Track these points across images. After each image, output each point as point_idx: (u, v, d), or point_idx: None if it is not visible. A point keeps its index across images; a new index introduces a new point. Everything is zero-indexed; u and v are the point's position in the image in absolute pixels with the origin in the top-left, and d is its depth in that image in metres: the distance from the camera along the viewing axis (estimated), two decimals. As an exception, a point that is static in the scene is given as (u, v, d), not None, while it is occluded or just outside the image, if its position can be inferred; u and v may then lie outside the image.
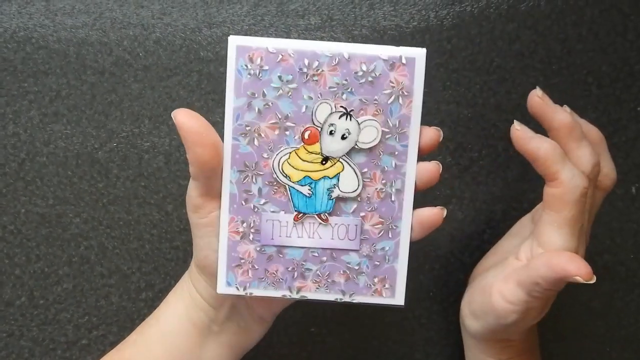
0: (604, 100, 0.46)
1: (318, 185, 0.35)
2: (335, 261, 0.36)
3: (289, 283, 0.36)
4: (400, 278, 0.36)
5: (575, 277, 0.33)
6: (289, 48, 0.34)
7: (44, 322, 0.45)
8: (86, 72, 0.44)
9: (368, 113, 0.35)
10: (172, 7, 0.45)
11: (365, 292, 0.36)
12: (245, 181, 0.35)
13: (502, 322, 0.36)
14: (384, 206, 0.36)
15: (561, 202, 0.35)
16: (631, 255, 0.47)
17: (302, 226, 0.36)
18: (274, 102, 0.34)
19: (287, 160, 0.35)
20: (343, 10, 0.45)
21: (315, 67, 0.34)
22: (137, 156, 0.45)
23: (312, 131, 0.34)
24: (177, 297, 0.39)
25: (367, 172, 0.35)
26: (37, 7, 0.44)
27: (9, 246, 0.45)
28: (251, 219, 0.35)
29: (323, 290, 0.36)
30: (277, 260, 0.36)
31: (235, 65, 0.34)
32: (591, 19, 0.46)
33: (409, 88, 0.34)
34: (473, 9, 0.45)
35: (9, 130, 0.44)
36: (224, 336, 0.39)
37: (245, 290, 0.36)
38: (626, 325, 0.47)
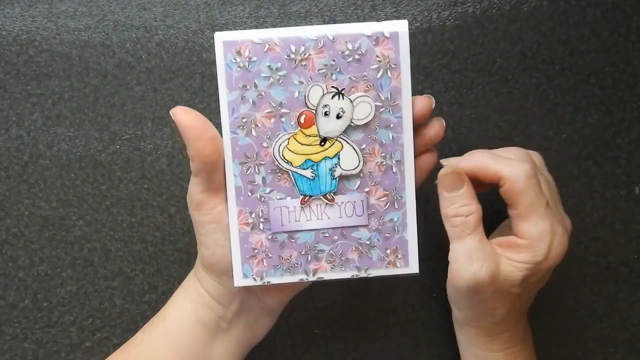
0: (607, 101, 0.46)
1: (320, 166, 0.36)
2: (347, 239, 0.37)
3: (304, 267, 0.37)
4: (411, 247, 0.37)
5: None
6: (274, 37, 0.35)
7: (47, 324, 0.45)
8: (89, 75, 0.44)
9: (359, 90, 0.35)
10: (174, 9, 0.45)
11: (379, 265, 0.37)
12: (248, 172, 0.36)
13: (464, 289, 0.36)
14: (386, 179, 0.36)
15: (514, 194, 0.36)
16: (635, 256, 0.47)
17: (310, 209, 0.36)
18: (266, 92, 0.35)
19: (287, 146, 0.35)
20: (345, 12, 0.45)
21: (302, 52, 0.35)
22: (140, 158, 0.45)
23: (307, 115, 0.35)
24: (183, 296, 0.39)
25: (366, 147, 0.36)
26: (39, 9, 0.44)
27: (13, 249, 0.45)
28: (259, 208, 0.36)
29: (338, 269, 0.37)
30: (290, 246, 0.36)
31: (224, 61, 0.35)
32: (594, 20, 0.45)
33: (395, 60, 0.35)
34: (475, 10, 0.45)
35: (12, 133, 0.44)
36: (233, 333, 0.39)
37: (263, 280, 0.36)
38: (630, 326, 0.47)
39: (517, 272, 0.36)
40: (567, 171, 0.46)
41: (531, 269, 0.36)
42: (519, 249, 0.36)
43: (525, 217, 0.36)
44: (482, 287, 0.35)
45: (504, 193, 0.36)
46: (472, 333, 0.39)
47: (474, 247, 0.36)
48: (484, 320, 0.38)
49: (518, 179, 0.35)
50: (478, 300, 0.36)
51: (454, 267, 0.36)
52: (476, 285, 0.35)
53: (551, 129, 0.46)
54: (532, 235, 0.36)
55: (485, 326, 0.38)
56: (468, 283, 0.35)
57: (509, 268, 0.36)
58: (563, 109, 0.46)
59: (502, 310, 0.37)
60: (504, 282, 0.36)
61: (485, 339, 0.38)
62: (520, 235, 0.36)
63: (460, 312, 0.39)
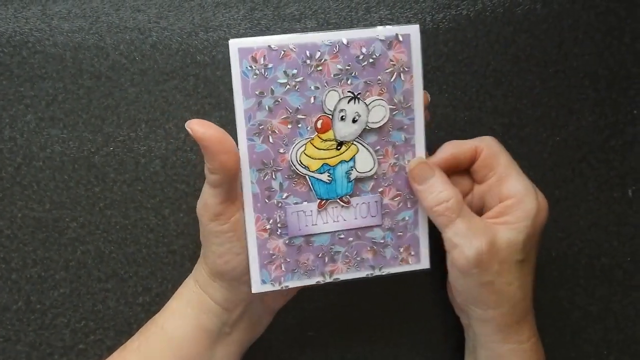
0: (601, 103, 0.46)
1: (336, 170, 0.36)
2: (361, 239, 0.37)
3: (320, 269, 0.37)
4: (422, 243, 0.38)
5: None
6: (290, 43, 0.35)
7: (40, 326, 0.45)
8: (83, 76, 0.44)
9: (374, 93, 0.36)
10: (168, 11, 0.45)
11: (392, 263, 0.38)
12: (265, 179, 0.36)
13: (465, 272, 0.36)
14: (399, 179, 0.37)
15: (491, 157, 0.38)
16: (628, 258, 0.47)
17: (326, 212, 0.37)
18: (282, 98, 0.35)
19: (304, 152, 0.36)
20: (339, 14, 0.45)
21: (317, 58, 0.35)
22: (133, 160, 0.45)
23: (324, 120, 0.35)
24: (183, 303, 0.39)
25: (380, 149, 0.37)
26: (33, 11, 0.44)
27: (6, 250, 0.45)
28: (276, 214, 0.36)
29: (354, 269, 0.38)
30: (307, 250, 0.37)
31: (239, 68, 0.35)
32: (587, 22, 0.46)
33: (408, 64, 0.36)
34: (469, 13, 0.45)
35: (6, 134, 0.44)
36: (235, 335, 0.39)
37: (281, 285, 0.37)
38: (624, 328, 0.47)
39: (518, 234, 0.36)
40: (560, 173, 0.46)
41: (528, 226, 0.36)
42: (510, 210, 0.36)
43: (507, 176, 0.37)
44: (488, 261, 0.35)
45: (482, 161, 0.38)
46: (493, 327, 0.38)
47: (467, 227, 0.36)
48: (505, 304, 0.37)
49: (492, 144, 0.38)
50: (489, 277, 0.36)
51: (454, 252, 0.36)
52: (482, 260, 0.35)
53: (545, 131, 0.46)
54: (518, 190, 0.37)
55: (508, 312, 0.37)
56: (474, 260, 0.35)
57: (508, 233, 0.36)
58: (557, 112, 0.46)
59: (515, 284, 0.36)
60: (507, 251, 0.36)
61: (509, 330, 0.37)
62: (506, 196, 0.37)
63: (478, 305, 0.37)
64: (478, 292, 0.37)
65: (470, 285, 0.36)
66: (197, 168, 0.45)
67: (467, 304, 0.38)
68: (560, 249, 0.47)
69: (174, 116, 0.45)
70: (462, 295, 0.38)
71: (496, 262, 0.36)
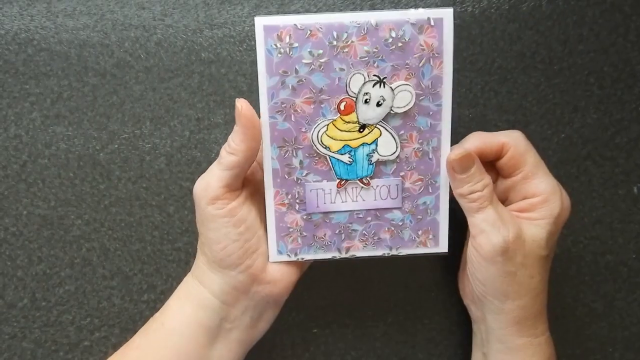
0: (606, 100, 0.46)
1: (357, 152, 0.36)
2: (380, 220, 0.38)
3: (337, 245, 0.38)
4: (442, 228, 0.39)
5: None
6: (317, 22, 0.35)
7: (46, 323, 0.45)
8: (87, 74, 0.44)
9: (400, 78, 0.36)
10: (173, 8, 0.45)
11: (410, 245, 0.38)
12: (286, 156, 0.36)
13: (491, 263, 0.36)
14: (422, 164, 0.37)
15: (518, 156, 0.38)
16: (633, 256, 0.47)
17: (345, 192, 0.37)
18: (307, 78, 0.35)
19: (326, 132, 0.36)
20: (344, 12, 0.45)
21: (344, 39, 0.35)
22: (138, 158, 0.45)
23: (348, 102, 0.35)
24: (182, 300, 0.39)
25: (404, 133, 0.37)
26: (38, 9, 0.44)
27: (11, 248, 0.45)
28: (295, 190, 0.37)
29: (370, 248, 0.38)
30: (324, 226, 0.37)
31: (264, 46, 0.35)
32: (592, 20, 0.46)
33: (438, 49, 0.35)
34: (474, 10, 0.45)
35: (11, 132, 0.44)
36: (235, 333, 0.39)
37: (297, 256, 0.38)
38: (629, 325, 0.47)
39: (541, 230, 0.37)
40: (565, 171, 0.46)
41: (552, 223, 0.37)
42: (535, 207, 0.37)
43: (533, 175, 0.37)
44: (513, 251, 0.36)
45: (509, 159, 0.38)
46: (510, 320, 0.38)
47: (497, 215, 0.36)
48: (524, 297, 0.37)
49: (519, 142, 0.38)
50: (512, 268, 0.36)
51: (480, 238, 0.36)
52: (507, 249, 0.36)
53: (550, 128, 0.46)
54: (545, 189, 0.37)
55: (526, 304, 0.37)
56: (500, 247, 0.35)
57: (533, 229, 0.37)
58: (562, 109, 0.46)
59: (537, 277, 0.37)
60: (532, 245, 0.36)
61: (525, 323, 0.38)
62: (533, 194, 0.37)
63: (497, 297, 0.37)
64: (500, 282, 0.37)
65: (493, 274, 0.36)
66: (202, 166, 0.45)
67: (486, 295, 0.38)
68: (565, 246, 0.47)
69: (178, 114, 0.45)
70: (483, 285, 0.38)
71: (521, 253, 0.36)
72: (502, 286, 0.37)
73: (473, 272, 0.38)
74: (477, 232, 0.36)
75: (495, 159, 0.39)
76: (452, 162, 0.37)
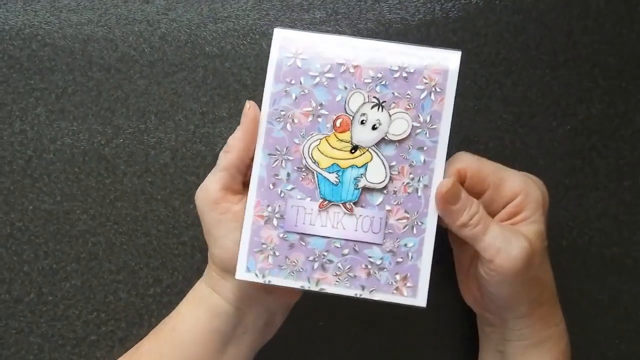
0: (610, 92, 0.46)
1: (345, 173, 0.36)
2: (358, 255, 0.36)
3: (308, 273, 0.36)
4: (422, 277, 0.36)
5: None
6: (329, 42, 0.35)
7: (52, 318, 0.45)
8: (92, 69, 0.44)
9: (400, 107, 0.35)
10: (177, 2, 0.45)
11: (386, 289, 0.36)
12: (274, 165, 0.36)
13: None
14: (410, 201, 0.36)
15: (478, 172, 0.37)
16: (639, 248, 0.47)
17: (327, 215, 0.36)
18: (310, 90, 0.35)
19: (317, 147, 0.36)
20: (348, 4, 0.45)
21: (352, 60, 0.35)
22: (143, 152, 0.45)
23: (344, 119, 0.35)
24: (195, 306, 0.38)
25: (396, 165, 0.36)
26: (42, 4, 0.44)
27: (17, 243, 0.45)
28: (277, 203, 0.36)
29: (343, 285, 0.36)
30: (299, 249, 0.36)
31: (277, 55, 0.35)
32: (597, 11, 0.45)
33: (442, 85, 0.35)
34: (479, 1, 0.45)
35: (16, 127, 0.44)
36: (248, 337, 0.39)
37: (265, 278, 0.36)
38: (634, 317, 0.47)
39: (538, 224, 0.36)
40: (571, 162, 0.46)
41: (542, 213, 0.36)
42: (523, 206, 0.36)
43: (501, 181, 0.36)
44: (532, 257, 0.35)
45: (470, 179, 0.36)
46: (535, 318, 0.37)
47: (501, 230, 0.35)
48: (546, 292, 0.37)
49: (470, 160, 0.37)
50: (534, 272, 0.36)
51: (500, 258, 0.35)
52: (528, 257, 0.35)
53: (555, 120, 0.46)
54: (519, 186, 0.36)
55: (547, 299, 0.37)
56: (522, 260, 0.34)
57: (532, 227, 0.36)
58: (567, 100, 0.46)
59: (549, 269, 0.37)
60: (537, 243, 0.36)
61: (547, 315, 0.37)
62: (512, 196, 0.36)
63: (522, 303, 0.37)
64: (525, 291, 0.36)
65: (519, 287, 0.36)
66: (207, 160, 0.45)
67: (512, 305, 0.37)
68: (570, 238, 0.46)
69: (183, 108, 0.45)
70: (507, 299, 0.37)
71: (537, 255, 0.35)
72: (528, 293, 0.36)
73: (495, 292, 0.37)
74: (493, 253, 0.35)
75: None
76: (445, 194, 0.35)
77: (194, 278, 0.45)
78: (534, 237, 0.36)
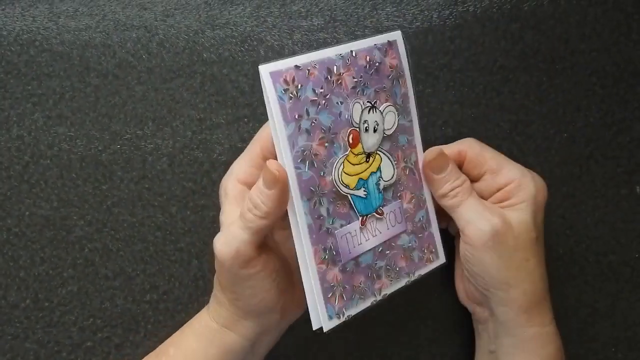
0: (608, 100, 0.46)
1: (369, 183, 0.36)
2: (394, 249, 0.38)
3: (371, 289, 0.37)
4: (437, 239, 0.40)
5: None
6: (312, 61, 0.34)
7: (48, 324, 0.45)
8: (90, 75, 0.44)
9: (382, 101, 0.36)
10: (175, 9, 0.45)
11: (421, 265, 0.39)
12: (315, 207, 0.34)
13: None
14: (410, 181, 0.38)
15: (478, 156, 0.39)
16: (636, 255, 0.47)
17: (366, 228, 0.36)
18: (316, 118, 0.34)
19: (343, 170, 0.35)
20: (346, 11, 0.45)
21: (335, 72, 0.35)
22: (140, 158, 0.45)
23: (354, 133, 0.35)
24: (205, 344, 0.38)
25: (393, 154, 0.37)
26: (40, 9, 0.44)
27: (14, 249, 0.45)
28: (329, 242, 0.35)
29: (395, 280, 0.38)
30: (358, 272, 0.36)
31: (275, 93, 0.33)
32: (595, 19, 0.45)
33: (400, 68, 0.37)
34: (476, 9, 0.45)
35: (13, 133, 0.44)
36: (256, 357, 0.40)
37: (345, 316, 0.36)
38: (632, 325, 0.47)
39: (524, 213, 0.37)
40: (568, 170, 0.46)
41: (532, 203, 0.37)
42: (512, 193, 0.38)
43: (499, 167, 0.38)
44: (503, 235, 0.36)
45: (469, 162, 0.39)
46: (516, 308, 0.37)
47: (479, 204, 0.37)
48: (527, 282, 0.37)
49: (473, 144, 0.39)
50: (506, 252, 0.36)
51: (469, 228, 0.37)
52: (498, 232, 0.36)
53: (552, 128, 0.46)
54: (515, 175, 0.38)
55: (529, 290, 0.37)
56: (490, 232, 0.36)
57: (517, 214, 0.37)
58: (564, 108, 0.46)
59: (532, 260, 0.37)
60: (519, 228, 0.37)
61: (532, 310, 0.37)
62: (505, 183, 0.38)
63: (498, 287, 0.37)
64: (497, 270, 0.37)
65: (489, 262, 0.36)
66: (204, 166, 0.45)
67: (488, 287, 0.38)
68: (567, 246, 0.46)
69: (180, 114, 0.45)
70: (481, 277, 0.37)
71: (511, 236, 0.36)
72: (500, 273, 0.37)
73: (470, 268, 0.38)
74: (464, 224, 0.37)
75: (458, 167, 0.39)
76: (428, 163, 0.38)
77: (191, 285, 0.45)
78: (514, 221, 0.37)
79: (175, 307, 0.45)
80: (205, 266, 0.45)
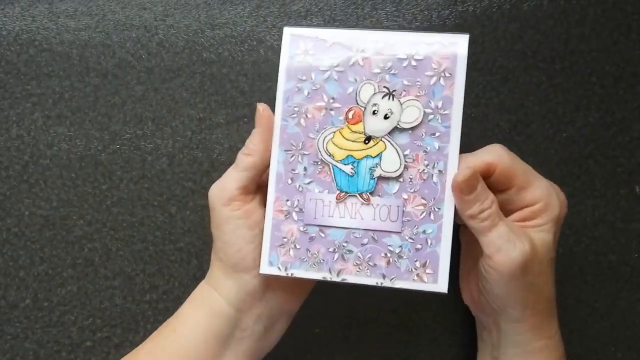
0: (607, 100, 0.46)
1: (360, 164, 0.36)
2: (377, 243, 0.36)
3: (329, 264, 0.37)
4: (443, 263, 0.36)
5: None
6: (338, 36, 0.36)
7: (48, 324, 0.45)
8: (89, 74, 0.44)
9: (411, 94, 0.36)
10: (174, 8, 0.45)
11: (406, 277, 0.36)
12: (291, 160, 0.36)
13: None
14: (426, 188, 0.36)
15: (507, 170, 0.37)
16: (635, 255, 0.47)
17: (345, 206, 0.36)
18: (321, 85, 0.36)
19: (332, 140, 0.36)
20: (345, 11, 0.45)
21: (361, 53, 0.36)
22: (140, 158, 0.45)
23: (356, 111, 0.36)
24: (195, 307, 0.39)
25: (410, 153, 0.36)
26: (40, 9, 0.44)
27: (13, 248, 0.45)
28: (295, 197, 0.37)
29: (364, 274, 0.36)
30: (319, 241, 0.37)
31: (287, 52, 0.36)
32: (594, 19, 0.45)
33: (451, 70, 0.35)
34: (475, 9, 0.45)
35: (13, 132, 0.44)
36: (246, 342, 0.38)
37: (287, 271, 0.37)
38: (631, 325, 0.47)
39: (548, 234, 0.36)
40: (567, 170, 0.46)
41: (556, 223, 0.37)
42: (538, 214, 0.37)
43: (527, 184, 0.37)
44: (531, 263, 0.35)
45: (499, 176, 0.37)
46: (528, 326, 0.37)
47: (509, 230, 0.35)
48: (542, 302, 0.37)
49: (503, 156, 0.37)
50: (531, 279, 0.36)
51: (499, 256, 0.35)
52: (527, 262, 0.35)
53: (552, 128, 0.46)
54: (542, 195, 0.37)
55: (543, 309, 0.37)
56: (521, 262, 0.35)
57: (540, 235, 0.36)
58: (563, 108, 0.46)
59: (550, 281, 0.37)
60: (542, 251, 0.36)
61: (541, 326, 0.37)
62: (532, 202, 0.37)
63: (515, 307, 0.37)
64: (520, 295, 0.36)
65: (513, 288, 0.36)
66: (204, 166, 0.45)
67: (505, 307, 0.37)
68: (567, 246, 0.46)
69: (180, 114, 0.45)
70: (501, 299, 0.37)
71: (537, 262, 0.36)
72: (522, 298, 0.36)
73: (491, 290, 0.37)
74: (493, 251, 0.35)
75: (484, 178, 0.38)
76: (460, 183, 0.35)
77: (191, 284, 0.45)
78: (539, 244, 0.36)
79: (175, 307, 0.45)
80: (205, 266, 0.45)
